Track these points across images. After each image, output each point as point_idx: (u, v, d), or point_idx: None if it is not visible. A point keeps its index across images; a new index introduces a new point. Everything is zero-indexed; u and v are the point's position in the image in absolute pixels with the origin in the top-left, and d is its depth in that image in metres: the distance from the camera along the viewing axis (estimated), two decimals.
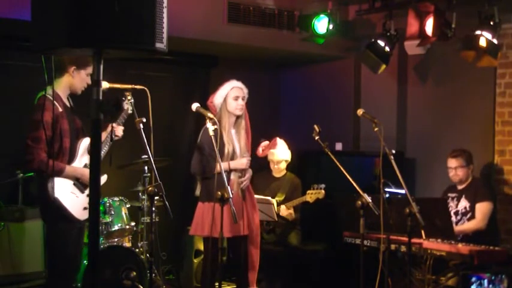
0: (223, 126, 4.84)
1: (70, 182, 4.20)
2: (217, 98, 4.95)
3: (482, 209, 5.31)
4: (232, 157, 4.89)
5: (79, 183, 4.23)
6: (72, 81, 4.23)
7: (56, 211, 4.12)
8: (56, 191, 4.10)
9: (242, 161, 4.90)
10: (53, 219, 4.20)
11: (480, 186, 5.47)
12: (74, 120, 4.28)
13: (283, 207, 6.01)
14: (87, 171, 4.25)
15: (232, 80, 5.01)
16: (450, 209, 5.43)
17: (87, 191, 4.27)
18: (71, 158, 4.23)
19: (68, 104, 4.29)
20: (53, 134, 4.08)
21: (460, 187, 5.52)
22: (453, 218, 5.39)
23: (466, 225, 5.34)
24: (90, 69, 4.21)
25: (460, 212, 5.42)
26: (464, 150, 5.50)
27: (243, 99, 4.94)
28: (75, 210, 4.17)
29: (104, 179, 4.40)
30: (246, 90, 4.99)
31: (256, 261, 5.01)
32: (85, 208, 4.25)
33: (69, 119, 4.21)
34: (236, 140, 4.95)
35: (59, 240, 4.20)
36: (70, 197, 4.17)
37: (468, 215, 5.37)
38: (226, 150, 4.85)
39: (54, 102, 4.09)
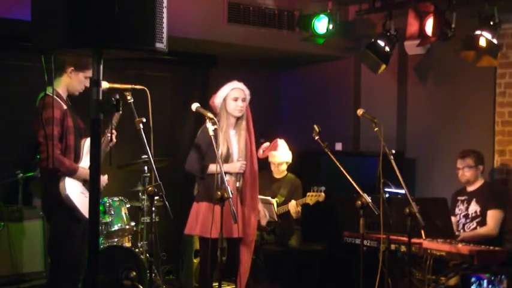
0: (221, 127, 4.76)
1: (80, 183, 4.16)
2: (218, 98, 4.90)
3: (495, 216, 5.21)
4: (227, 158, 4.83)
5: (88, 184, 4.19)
6: (70, 82, 4.21)
7: (66, 211, 4.07)
8: (68, 190, 4.07)
9: (235, 165, 4.83)
10: (61, 219, 4.13)
11: (493, 192, 5.38)
12: (76, 120, 4.26)
13: (293, 202, 5.86)
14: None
15: (234, 80, 4.95)
16: (459, 211, 5.41)
17: None
18: (76, 157, 4.19)
19: (68, 103, 4.29)
20: (62, 131, 4.07)
21: (469, 189, 5.43)
22: (461, 221, 5.37)
23: (478, 231, 5.23)
24: (88, 73, 4.18)
25: (470, 216, 5.33)
26: (473, 151, 5.44)
27: (243, 100, 4.87)
28: (85, 211, 4.00)
29: (104, 180, 4.39)
30: (247, 92, 4.93)
31: (246, 265, 4.90)
32: None
33: (73, 117, 4.20)
34: (235, 141, 4.90)
35: (65, 241, 4.14)
36: (80, 197, 4.12)
37: (478, 219, 5.28)
38: (220, 151, 4.78)
39: (59, 100, 4.09)
